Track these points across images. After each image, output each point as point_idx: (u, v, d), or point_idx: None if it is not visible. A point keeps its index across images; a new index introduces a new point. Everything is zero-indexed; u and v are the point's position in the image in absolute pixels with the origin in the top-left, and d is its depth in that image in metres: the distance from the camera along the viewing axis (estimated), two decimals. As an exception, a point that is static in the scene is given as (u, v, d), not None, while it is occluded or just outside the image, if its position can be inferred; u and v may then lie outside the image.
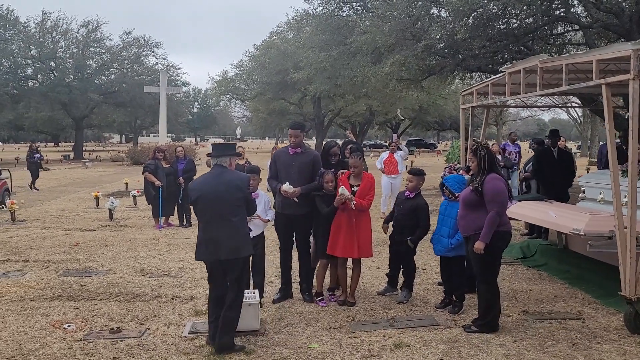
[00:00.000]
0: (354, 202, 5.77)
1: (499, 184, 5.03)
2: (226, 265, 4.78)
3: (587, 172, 17.66)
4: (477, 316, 5.29)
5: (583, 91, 7.40)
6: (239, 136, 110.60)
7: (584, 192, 8.14)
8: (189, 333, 5.19)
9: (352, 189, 5.96)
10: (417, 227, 6.07)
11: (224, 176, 4.81)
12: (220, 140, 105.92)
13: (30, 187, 19.50)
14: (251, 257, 6.09)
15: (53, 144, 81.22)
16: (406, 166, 30.42)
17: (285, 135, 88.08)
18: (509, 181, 12.90)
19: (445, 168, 6.47)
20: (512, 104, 10.92)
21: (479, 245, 4.99)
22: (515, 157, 14.06)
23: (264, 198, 6.17)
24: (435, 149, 63.15)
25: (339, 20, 17.67)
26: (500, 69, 7.80)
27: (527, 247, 8.57)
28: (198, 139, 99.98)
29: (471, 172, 5.37)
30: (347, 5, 17.77)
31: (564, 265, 7.63)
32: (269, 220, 6.14)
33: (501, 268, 7.60)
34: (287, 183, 5.95)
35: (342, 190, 5.73)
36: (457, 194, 5.64)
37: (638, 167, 5.03)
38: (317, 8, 18.44)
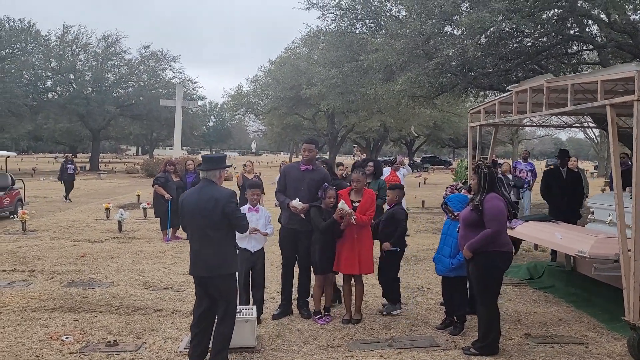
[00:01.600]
0: (354, 216, 5.75)
1: (499, 204, 4.97)
2: (205, 282, 4.69)
3: (603, 193, 17.43)
4: (477, 338, 5.20)
5: (588, 111, 7.33)
6: (254, 150, 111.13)
7: (593, 213, 8.02)
8: (184, 348, 5.16)
9: (353, 204, 5.95)
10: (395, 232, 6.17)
11: (206, 190, 4.68)
12: (235, 154, 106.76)
13: (65, 199, 19.63)
14: (251, 272, 6.11)
15: (64, 155, 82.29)
16: (419, 183, 30.17)
17: (300, 150, 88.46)
18: (520, 201, 12.78)
19: (447, 188, 6.41)
20: (520, 123, 10.82)
21: (465, 253, 5.03)
22: (527, 175, 13.92)
23: (264, 213, 6.17)
24: (450, 167, 62.81)
25: (351, 37, 17.76)
26: (507, 88, 7.76)
27: (534, 268, 8.44)
28: (213, 152, 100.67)
29: (472, 191, 5.31)
30: (361, 23, 17.85)
31: (571, 287, 7.49)
32: (267, 234, 6.11)
33: (507, 289, 7.56)
34: (297, 199, 5.97)
35: (342, 204, 5.72)
36: (457, 213, 5.59)
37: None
38: (330, 25, 18.57)
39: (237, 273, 5.03)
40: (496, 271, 5.03)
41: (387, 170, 12.86)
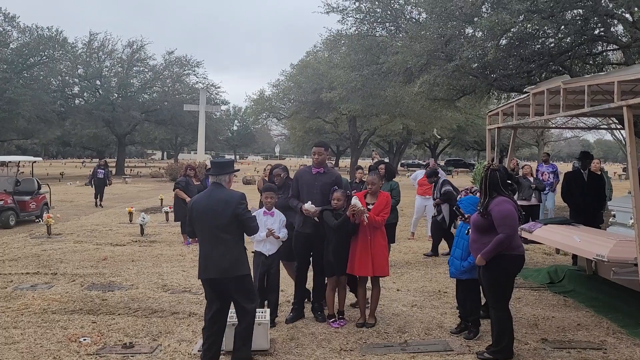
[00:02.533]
0: (367, 214, 5.75)
1: (508, 207, 4.89)
2: (216, 284, 4.74)
3: (627, 195, 17.06)
4: (491, 343, 5.14)
5: (606, 113, 7.21)
6: (277, 154, 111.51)
7: (614, 216, 7.88)
8: (198, 350, 5.22)
9: (368, 206, 5.95)
10: None
11: (216, 193, 4.78)
12: (259, 158, 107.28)
13: (96, 204, 19.36)
14: (266, 276, 6.15)
15: (98, 159, 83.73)
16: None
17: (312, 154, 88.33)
18: (541, 204, 12.57)
19: (462, 191, 6.36)
20: (540, 125, 10.68)
21: (479, 261, 4.93)
22: (549, 177, 13.73)
23: (279, 216, 6.20)
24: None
25: (371, 40, 17.73)
26: (524, 90, 7.67)
27: (554, 272, 8.30)
28: (237, 156, 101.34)
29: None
30: (380, 26, 17.81)
31: (592, 292, 7.36)
32: (279, 237, 6.14)
33: (526, 293, 7.47)
34: (310, 202, 5.99)
35: (355, 200, 5.73)
36: (467, 215, 5.55)
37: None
38: (350, 28, 18.58)
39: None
40: (507, 275, 4.95)
41: (420, 173, 12.73)
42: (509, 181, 5.28)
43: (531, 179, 12.11)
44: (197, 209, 4.78)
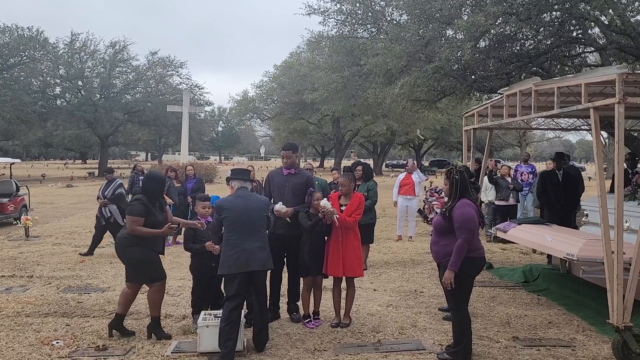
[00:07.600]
0: (337, 215, 5.80)
1: (469, 210, 4.90)
2: (255, 277, 5.22)
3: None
4: (450, 343, 5.22)
5: (575, 114, 7.34)
6: (262, 155, 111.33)
7: (586, 216, 8.01)
8: (172, 352, 5.23)
9: (341, 208, 6.00)
10: None
11: (252, 196, 5.50)
12: (244, 159, 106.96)
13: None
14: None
15: (81, 161, 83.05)
16: (425, 187, 29.97)
17: (308, 155, 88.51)
18: (518, 204, 12.72)
19: (427, 191, 6.44)
20: (516, 126, 10.82)
21: (448, 275, 4.84)
22: (529, 178, 13.89)
23: None
24: (458, 170, 62.30)
25: (352, 42, 17.82)
26: (498, 92, 7.78)
27: (529, 272, 8.42)
28: (222, 157, 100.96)
29: (445, 195, 5.30)
30: (362, 28, 17.89)
31: (565, 290, 7.48)
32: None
33: (500, 292, 7.58)
34: (280, 203, 6.01)
35: (324, 202, 5.78)
36: (430, 217, 5.65)
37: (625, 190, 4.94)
38: (331, 30, 18.63)
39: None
40: (466, 277, 4.95)
41: (401, 175, 12.68)
42: (472, 179, 5.37)
43: (509, 179, 12.26)
44: (236, 208, 5.25)
